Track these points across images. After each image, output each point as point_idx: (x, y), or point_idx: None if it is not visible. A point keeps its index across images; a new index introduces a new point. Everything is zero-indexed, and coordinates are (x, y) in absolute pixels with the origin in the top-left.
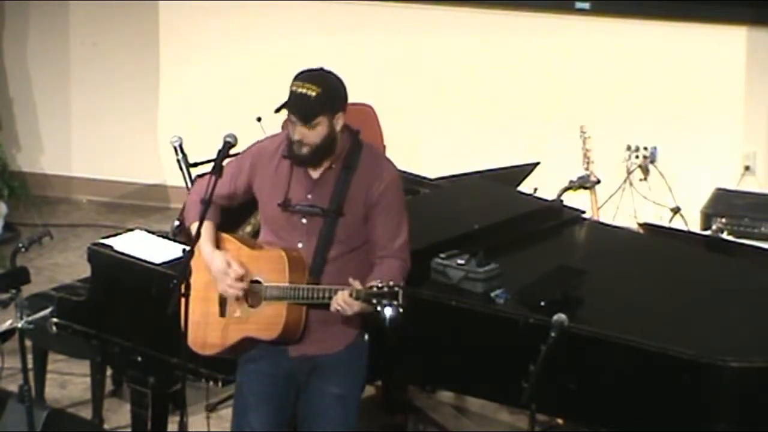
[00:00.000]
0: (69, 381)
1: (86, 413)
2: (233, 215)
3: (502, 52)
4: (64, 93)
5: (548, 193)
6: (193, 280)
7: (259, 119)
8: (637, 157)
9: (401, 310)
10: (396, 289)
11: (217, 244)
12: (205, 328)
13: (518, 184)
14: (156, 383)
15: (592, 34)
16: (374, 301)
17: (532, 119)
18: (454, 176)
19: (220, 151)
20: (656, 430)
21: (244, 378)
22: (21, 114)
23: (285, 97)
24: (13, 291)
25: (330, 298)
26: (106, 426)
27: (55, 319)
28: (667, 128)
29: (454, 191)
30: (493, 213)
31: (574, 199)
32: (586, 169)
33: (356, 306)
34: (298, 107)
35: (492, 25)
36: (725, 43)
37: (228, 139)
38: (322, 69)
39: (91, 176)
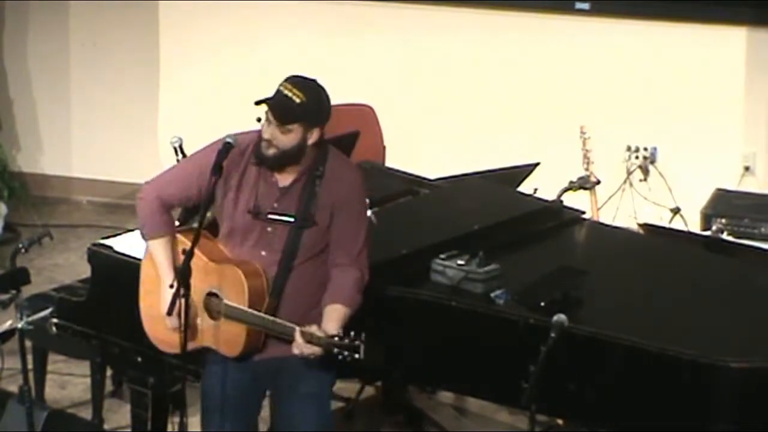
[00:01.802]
0: (69, 381)
1: (86, 413)
2: None
3: (502, 52)
4: (64, 93)
5: (548, 194)
6: (153, 278)
7: (259, 120)
8: (637, 157)
9: (362, 358)
10: (357, 343)
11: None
12: (166, 326)
13: (518, 185)
14: (156, 384)
15: (592, 34)
16: (335, 350)
17: (532, 119)
18: (454, 176)
19: (220, 152)
20: (656, 431)
21: (209, 380)
22: (21, 114)
23: None
24: (13, 292)
25: (287, 335)
26: (106, 426)
27: (55, 320)
28: (667, 128)
29: (454, 191)
30: (493, 213)
31: (574, 200)
32: (586, 169)
33: (318, 351)
34: (278, 107)
35: (492, 25)
36: (725, 43)
37: (228, 140)
38: (315, 81)
39: (91, 177)
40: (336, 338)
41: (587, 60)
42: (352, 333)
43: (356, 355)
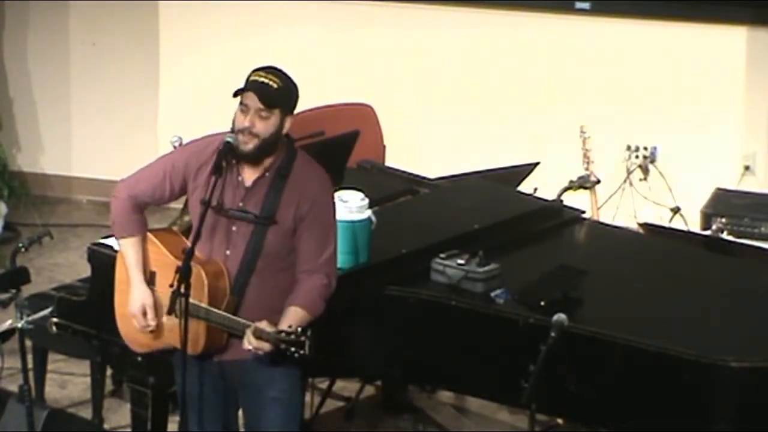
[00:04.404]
0: (69, 381)
1: (86, 413)
2: None
3: (502, 52)
4: (64, 93)
5: (548, 193)
6: (125, 277)
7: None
8: (637, 157)
9: (307, 354)
10: (302, 338)
11: (143, 247)
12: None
13: (518, 184)
14: (156, 383)
15: (592, 34)
16: (282, 346)
17: (532, 119)
18: (454, 176)
19: (220, 152)
20: (656, 431)
21: (179, 381)
22: (21, 114)
23: None
24: (13, 291)
25: (240, 331)
26: (106, 426)
27: (55, 319)
28: (667, 128)
29: (454, 191)
30: (493, 213)
31: (574, 199)
32: (586, 169)
33: (267, 347)
34: (261, 91)
35: (492, 25)
36: (725, 43)
37: (228, 140)
38: (281, 69)
39: (91, 176)
40: (283, 333)
41: (587, 59)
42: (299, 329)
43: (301, 351)
